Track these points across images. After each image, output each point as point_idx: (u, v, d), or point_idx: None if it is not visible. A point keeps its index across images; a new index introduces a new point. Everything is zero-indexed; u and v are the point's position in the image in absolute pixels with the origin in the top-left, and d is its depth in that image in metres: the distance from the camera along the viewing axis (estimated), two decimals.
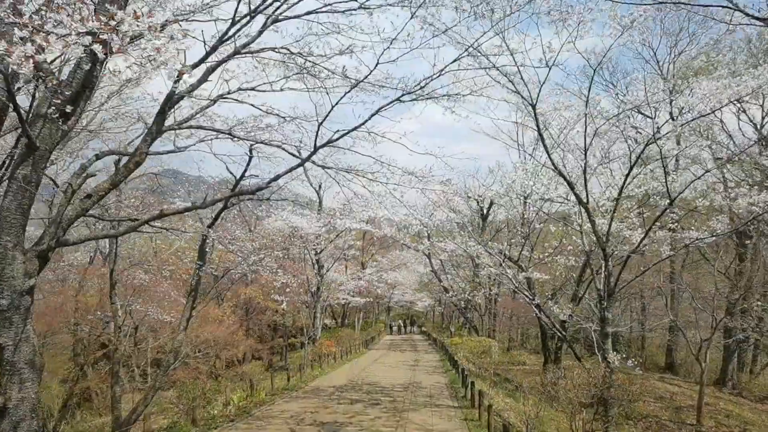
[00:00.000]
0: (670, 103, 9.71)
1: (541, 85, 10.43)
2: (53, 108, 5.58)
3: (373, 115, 7.37)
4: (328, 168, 8.69)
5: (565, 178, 11.38)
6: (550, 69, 10.31)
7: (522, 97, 10.61)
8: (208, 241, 13.24)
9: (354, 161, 9.81)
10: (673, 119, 10.61)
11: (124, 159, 10.19)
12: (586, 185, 11.38)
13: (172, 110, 9.66)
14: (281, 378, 17.86)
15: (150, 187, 21.29)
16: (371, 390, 15.19)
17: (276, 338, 33.84)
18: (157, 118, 7.07)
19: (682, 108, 10.31)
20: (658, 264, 15.23)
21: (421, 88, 7.17)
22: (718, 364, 28.87)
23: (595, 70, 10.20)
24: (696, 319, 20.68)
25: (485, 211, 32.35)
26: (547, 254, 18.74)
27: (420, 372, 20.36)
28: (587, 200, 11.49)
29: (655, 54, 29.84)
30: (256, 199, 13.68)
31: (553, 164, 11.22)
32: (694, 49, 28.88)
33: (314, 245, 28.34)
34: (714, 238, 12.22)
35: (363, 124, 7.47)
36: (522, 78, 10.54)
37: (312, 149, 7.79)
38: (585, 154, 11.12)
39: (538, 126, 10.85)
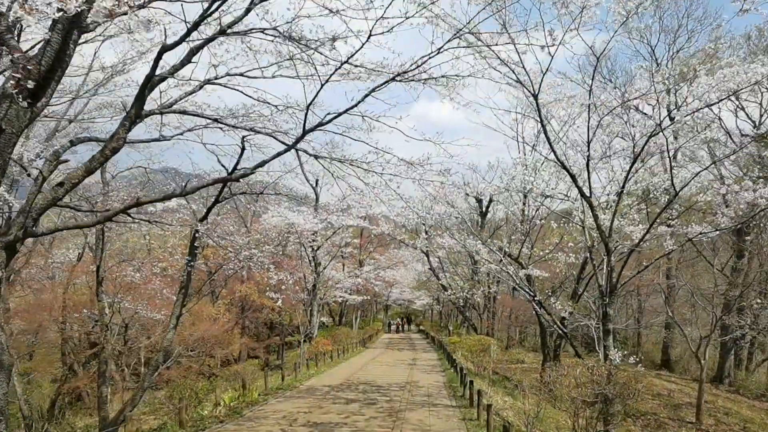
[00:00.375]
0: (675, 93, 9.33)
1: (543, 74, 10.02)
2: (11, 84, 5.13)
3: (366, 95, 6.94)
4: (321, 157, 8.26)
5: (567, 171, 10.98)
6: (552, 57, 9.91)
7: (524, 86, 10.21)
8: (198, 236, 12.83)
9: (350, 155, 9.31)
10: (669, 114, 10.20)
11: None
12: (589, 178, 11.00)
13: (158, 95, 9.27)
14: (276, 377, 17.46)
15: (142, 182, 20.82)
16: (368, 389, 14.80)
17: (272, 336, 33.41)
18: (136, 101, 6.64)
19: (682, 101, 9.93)
20: (656, 261, 14.88)
21: (418, 67, 6.73)
22: (714, 361, 28.72)
23: (599, 58, 9.80)
24: (696, 317, 20.37)
25: (484, 209, 31.95)
26: (547, 251, 18.36)
27: (418, 371, 19.99)
28: (590, 194, 11.10)
29: (653, 51, 29.54)
30: (248, 193, 13.25)
31: (556, 156, 10.82)
32: (692, 47, 28.63)
33: (311, 242, 27.91)
34: (718, 232, 11.86)
35: (355, 105, 7.04)
36: (523, 66, 10.13)
37: (301, 134, 7.36)
38: (588, 146, 10.72)
39: (540, 117, 10.45)
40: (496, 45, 8.28)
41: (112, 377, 19.93)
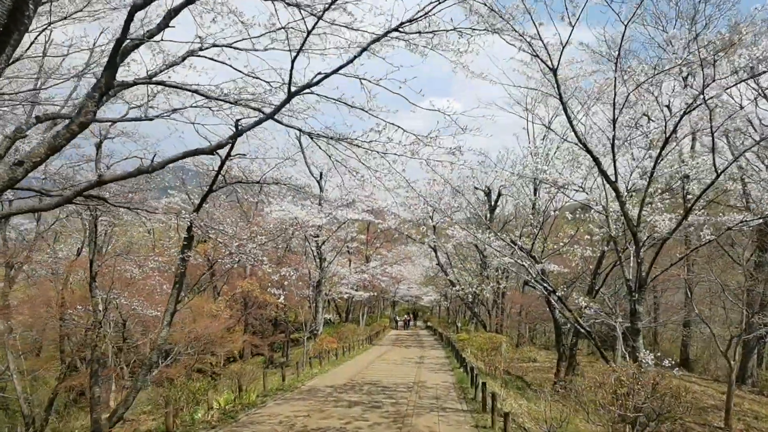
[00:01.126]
0: (714, 63, 8.37)
1: (563, 46, 9.09)
2: None
3: (363, 50, 6.07)
4: (317, 136, 7.39)
5: (590, 153, 10.04)
6: (573, 27, 8.99)
7: (541, 60, 9.29)
8: (192, 227, 12.06)
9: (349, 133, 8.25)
10: (709, 85, 9.14)
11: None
12: (614, 160, 10.04)
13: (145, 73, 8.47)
14: (277, 377, 16.69)
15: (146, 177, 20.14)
16: (372, 390, 13.98)
17: (277, 333, 32.70)
18: (106, 70, 5.82)
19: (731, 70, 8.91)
20: (691, 252, 13.86)
21: (426, 14, 5.81)
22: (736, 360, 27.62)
23: (626, 26, 8.87)
24: (726, 314, 19.34)
25: (493, 203, 31.00)
26: (561, 244, 17.43)
27: (425, 370, 19.15)
28: (615, 178, 10.14)
29: (669, 39, 28.33)
30: (245, 182, 12.46)
31: (577, 136, 9.89)
32: (710, 33, 27.40)
33: (315, 237, 27.15)
34: (761, 220, 10.87)
35: (351, 62, 6.16)
36: (541, 38, 9.20)
37: (285, 98, 6.48)
38: (614, 125, 9.76)
39: (560, 93, 9.52)
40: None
41: (115, 374, 19.31)
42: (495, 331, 30.67)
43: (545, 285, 13.20)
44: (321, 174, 28.83)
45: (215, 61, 7.86)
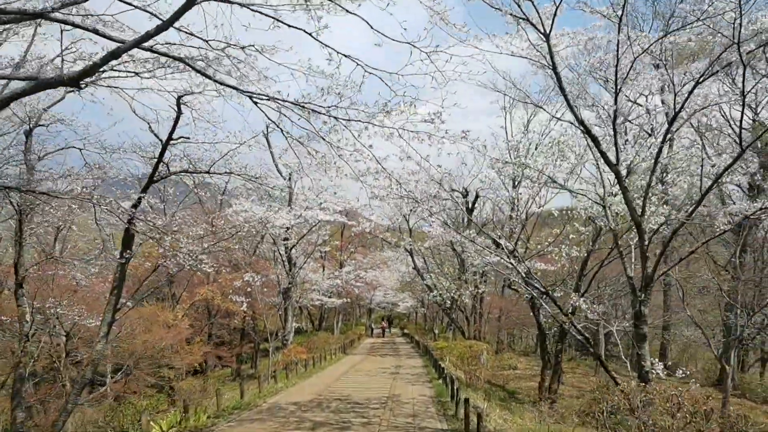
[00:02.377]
0: (741, 17, 7.22)
1: (557, 6, 7.86)
2: None
3: None
4: (258, 97, 5.92)
5: (588, 132, 8.79)
6: None
7: (531, 23, 8.03)
8: (132, 226, 10.36)
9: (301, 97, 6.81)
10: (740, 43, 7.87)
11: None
12: (616, 140, 8.81)
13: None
14: (234, 392, 14.99)
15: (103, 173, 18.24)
16: (341, 408, 12.46)
17: (243, 344, 30.78)
18: None
19: None
20: (703, 244, 12.78)
21: None
22: (714, 363, 27.15)
23: None
24: (721, 316, 18.53)
25: (471, 205, 29.89)
26: (546, 243, 16.26)
27: (401, 381, 17.69)
28: (617, 161, 8.92)
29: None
30: (191, 172, 10.85)
31: (573, 113, 8.64)
32: (686, 33, 27.03)
33: (283, 239, 25.49)
34: None
35: None
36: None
37: None
38: (615, 99, 8.55)
39: (553, 63, 8.28)
40: None
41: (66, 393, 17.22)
42: (474, 338, 29.45)
43: (535, 285, 11.91)
44: (290, 175, 27.21)
45: (142, 10, 6.31)
